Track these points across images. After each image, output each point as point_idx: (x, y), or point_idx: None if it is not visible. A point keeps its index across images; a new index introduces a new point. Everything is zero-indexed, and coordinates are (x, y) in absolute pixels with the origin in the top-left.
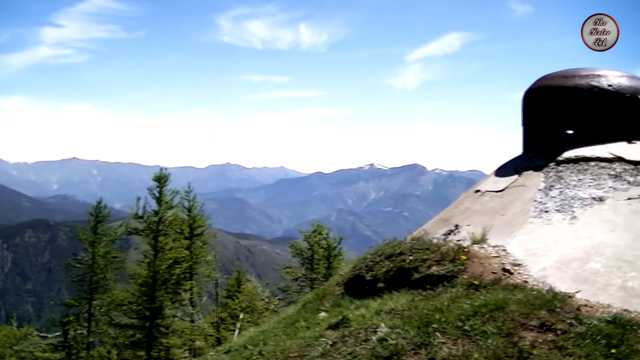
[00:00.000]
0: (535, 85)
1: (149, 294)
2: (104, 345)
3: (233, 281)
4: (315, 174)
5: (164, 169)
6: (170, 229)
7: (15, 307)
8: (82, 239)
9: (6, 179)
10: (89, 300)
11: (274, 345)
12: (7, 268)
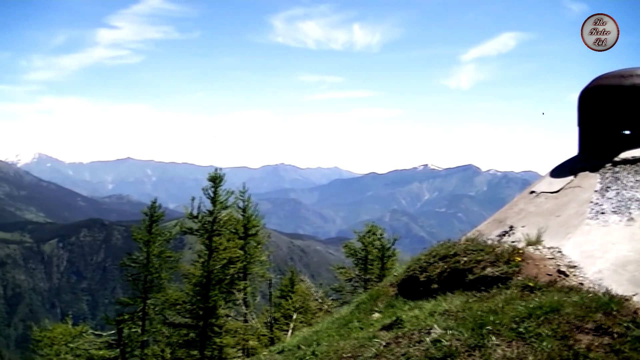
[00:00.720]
0: (591, 84)
1: (203, 293)
2: (158, 344)
3: (287, 281)
4: (369, 175)
5: (219, 169)
6: (225, 228)
7: (70, 305)
8: (137, 238)
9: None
10: (143, 299)
11: (327, 345)
12: (63, 267)
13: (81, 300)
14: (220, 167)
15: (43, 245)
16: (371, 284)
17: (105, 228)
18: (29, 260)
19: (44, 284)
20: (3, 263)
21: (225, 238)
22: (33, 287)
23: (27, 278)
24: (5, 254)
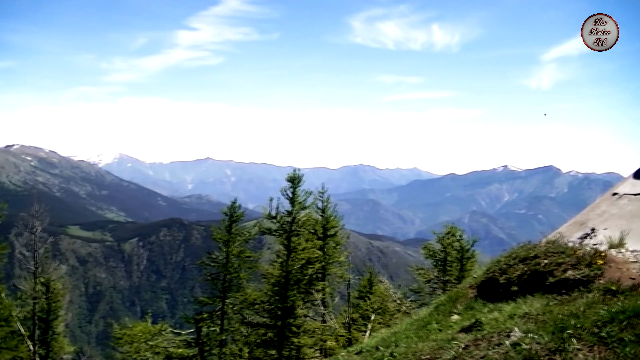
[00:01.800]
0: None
1: (282, 293)
2: (236, 343)
3: (365, 282)
4: (448, 176)
5: (298, 169)
6: (304, 229)
7: (150, 303)
8: (216, 238)
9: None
10: (222, 298)
11: (406, 347)
12: (143, 266)
13: (160, 298)
14: (299, 168)
15: (123, 244)
16: (450, 285)
17: (185, 228)
18: (109, 259)
19: (124, 282)
20: (85, 261)
21: (304, 238)
22: (114, 285)
23: (108, 276)
24: (86, 252)
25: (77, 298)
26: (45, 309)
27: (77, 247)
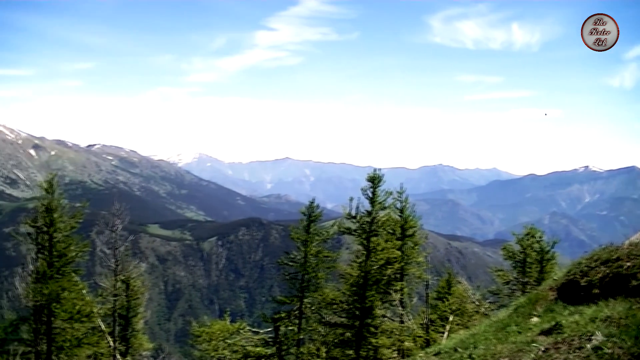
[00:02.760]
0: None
1: (360, 293)
2: (314, 343)
3: (443, 283)
4: (528, 176)
5: (377, 169)
6: (383, 229)
7: (228, 302)
8: (294, 237)
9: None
10: (300, 298)
11: (485, 349)
12: (222, 264)
13: (239, 297)
14: (379, 168)
15: (203, 243)
16: (529, 287)
17: (264, 227)
18: (189, 258)
19: (203, 280)
20: (164, 260)
21: (383, 239)
22: (192, 283)
23: (187, 275)
24: (166, 250)
25: (156, 296)
26: (126, 306)
27: (156, 246)
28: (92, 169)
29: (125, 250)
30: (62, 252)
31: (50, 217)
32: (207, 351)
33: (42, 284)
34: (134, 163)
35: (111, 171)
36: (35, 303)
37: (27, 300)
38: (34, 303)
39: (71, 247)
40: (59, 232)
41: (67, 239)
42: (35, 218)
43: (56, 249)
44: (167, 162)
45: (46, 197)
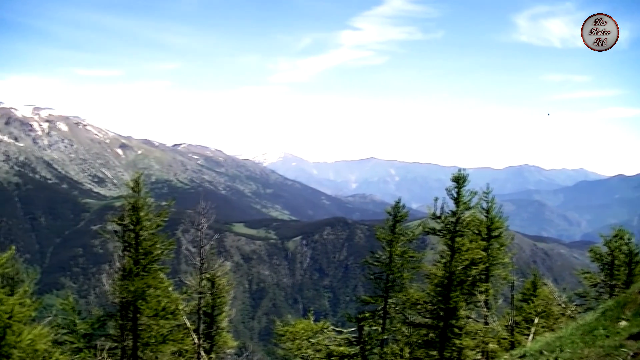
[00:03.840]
0: None
1: (444, 294)
2: (397, 343)
3: (529, 284)
4: (616, 177)
5: (462, 169)
6: (468, 229)
7: (312, 301)
8: (379, 237)
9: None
10: (384, 298)
11: (571, 352)
12: (306, 264)
13: (323, 297)
14: (464, 168)
15: (287, 242)
16: (617, 290)
17: (349, 227)
18: (273, 257)
19: (287, 279)
20: (249, 258)
21: (468, 239)
22: (277, 282)
23: (272, 273)
24: (251, 249)
25: (240, 294)
26: (210, 304)
27: (241, 245)
28: (178, 168)
29: (210, 248)
30: (148, 249)
31: (137, 215)
32: (291, 350)
33: (128, 281)
34: (220, 162)
35: (197, 170)
36: (122, 300)
37: (114, 297)
38: (121, 300)
39: (157, 245)
40: (145, 230)
41: (153, 237)
42: (122, 216)
43: (142, 246)
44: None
45: (133, 196)
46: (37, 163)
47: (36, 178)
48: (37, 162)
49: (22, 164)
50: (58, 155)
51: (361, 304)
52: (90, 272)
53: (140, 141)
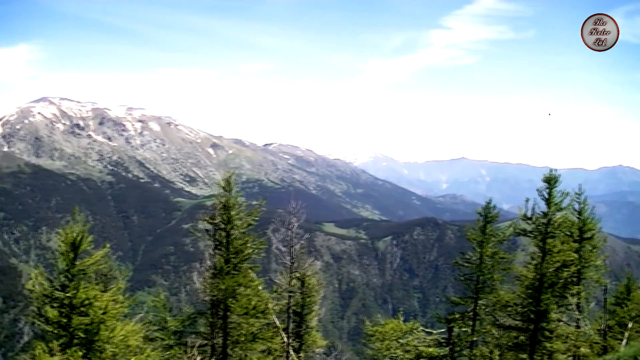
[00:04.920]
0: None
1: (535, 296)
2: (487, 345)
3: (622, 288)
4: None
5: (554, 170)
6: (559, 231)
7: (402, 301)
8: (470, 238)
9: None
10: (474, 299)
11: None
12: (396, 264)
13: (412, 297)
14: (556, 169)
15: (377, 242)
16: None
17: (439, 227)
18: (363, 256)
19: (377, 279)
20: (339, 258)
21: (559, 241)
22: (366, 282)
23: (361, 273)
24: (341, 249)
25: (330, 294)
26: (300, 303)
27: (331, 244)
28: (269, 168)
29: (300, 248)
30: (239, 248)
31: (228, 214)
32: (380, 350)
33: (219, 279)
34: (310, 162)
35: (287, 170)
36: (212, 298)
37: (205, 295)
38: (211, 298)
39: (247, 244)
40: (236, 229)
41: (244, 236)
42: (213, 215)
43: (233, 245)
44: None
45: (224, 195)
46: (129, 162)
47: (129, 177)
48: (129, 161)
49: (115, 163)
50: (150, 155)
51: (451, 305)
52: (181, 270)
53: (232, 141)
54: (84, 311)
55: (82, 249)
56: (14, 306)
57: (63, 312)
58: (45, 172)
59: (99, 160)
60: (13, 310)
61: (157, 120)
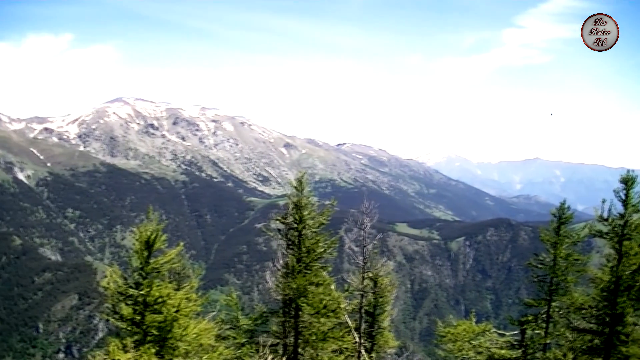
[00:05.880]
0: None
1: (610, 299)
2: (561, 348)
3: None
4: None
5: (631, 170)
6: (637, 233)
7: (474, 303)
8: (544, 239)
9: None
10: (548, 301)
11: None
12: (469, 265)
13: (485, 298)
14: (633, 169)
15: (450, 243)
16: None
17: (512, 228)
18: (436, 257)
19: (449, 280)
20: (411, 258)
21: (636, 243)
22: (439, 283)
23: (434, 274)
24: (413, 249)
25: (402, 294)
26: (372, 303)
27: (404, 244)
28: (342, 168)
29: (373, 248)
30: (311, 248)
31: (300, 214)
32: (452, 351)
33: (291, 278)
34: (383, 162)
35: (360, 170)
36: (284, 297)
37: (276, 294)
38: (283, 297)
39: (320, 243)
40: (308, 229)
41: (316, 236)
42: (286, 214)
43: (305, 245)
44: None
45: (296, 195)
46: (203, 162)
47: (202, 176)
48: (203, 161)
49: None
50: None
51: (524, 307)
52: (253, 269)
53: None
54: (157, 309)
55: (156, 247)
56: (89, 303)
57: (137, 310)
58: (120, 171)
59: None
60: (88, 307)
61: (230, 120)
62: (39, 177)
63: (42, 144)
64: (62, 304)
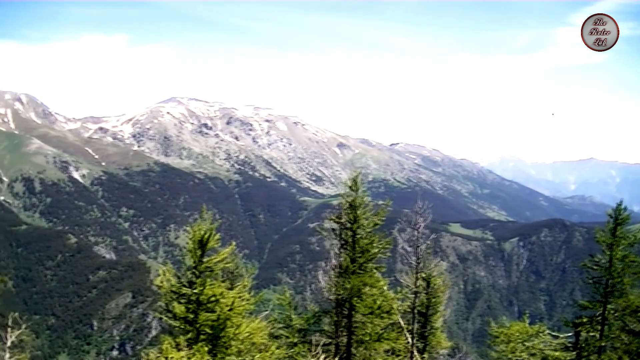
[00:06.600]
0: None
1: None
2: (616, 351)
3: None
4: None
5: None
6: None
7: (528, 304)
8: (599, 240)
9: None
10: (603, 303)
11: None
12: (522, 265)
13: (539, 299)
14: None
15: (504, 243)
16: None
17: (567, 229)
18: (489, 258)
19: (503, 281)
20: (464, 259)
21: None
22: (492, 283)
23: (487, 275)
24: (467, 250)
25: (455, 295)
26: (425, 303)
27: (457, 245)
28: (395, 168)
29: (426, 248)
30: (365, 248)
31: (354, 213)
32: (505, 353)
33: (344, 278)
34: (437, 162)
35: (414, 170)
36: (337, 297)
37: (330, 294)
38: (336, 297)
39: (374, 243)
40: (362, 229)
41: (370, 236)
42: (340, 214)
43: (359, 245)
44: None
45: (350, 194)
46: (256, 161)
47: (255, 176)
48: (256, 160)
49: (243, 162)
50: (277, 154)
51: (578, 309)
52: (306, 268)
53: (358, 140)
54: (210, 307)
55: (209, 246)
56: (143, 301)
57: (190, 308)
58: (173, 170)
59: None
60: (142, 305)
61: (283, 120)
62: (93, 176)
63: (97, 143)
64: (116, 302)
